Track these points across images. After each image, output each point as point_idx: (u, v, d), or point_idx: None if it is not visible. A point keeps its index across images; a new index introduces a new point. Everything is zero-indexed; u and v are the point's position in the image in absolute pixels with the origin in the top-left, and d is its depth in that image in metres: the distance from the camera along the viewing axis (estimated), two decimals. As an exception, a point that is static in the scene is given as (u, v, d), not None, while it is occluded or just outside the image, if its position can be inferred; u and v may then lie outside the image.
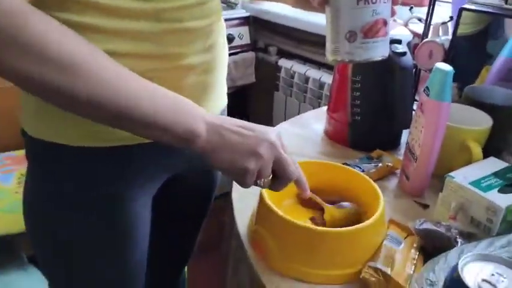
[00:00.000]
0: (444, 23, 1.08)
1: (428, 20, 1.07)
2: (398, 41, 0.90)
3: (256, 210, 0.67)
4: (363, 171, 0.80)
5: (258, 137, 0.54)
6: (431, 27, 1.08)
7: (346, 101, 0.92)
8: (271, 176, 0.57)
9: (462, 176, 0.68)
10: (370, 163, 0.86)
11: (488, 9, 0.88)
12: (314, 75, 1.74)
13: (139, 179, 0.65)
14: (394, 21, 1.31)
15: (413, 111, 0.87)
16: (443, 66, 0.71)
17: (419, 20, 1.29)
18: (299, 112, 1.80)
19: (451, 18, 1.07)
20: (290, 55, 1.89)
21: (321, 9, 0.60)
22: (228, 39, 1.76)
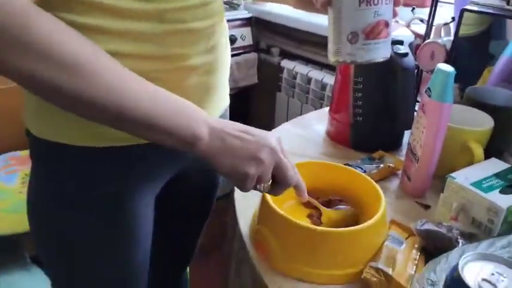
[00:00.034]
0: (446, 24, 1.08)
1: (430, 21, 1.07)
2: (400, 42, 0.90)
3: (259, 211, 0.68)
4: (365, 172, 0.80)
5: (259, 142, 0.54)
6: (433, 28, 1.08)
7: (348, 101, 0.92)
8: (271, 180, 0.58)
9: (463, 176, 0.68)
10: (372, 164, 0.86)
11: (490, 10, 0.88)
12: (316, 76, 1.74)
13: (142, 179, 0.65)
14: (396, 22, 1.31)
15: (415, 112, 0.87)
16: (445, 67, 0.71)
17: (421, 20, 1.29)
18: (301, 113, 1.80)
19: (453, 19, 1.07)
20: (292, 56, 1.89)
21: (323, 10, 0.60)
22: (231, 40, 1.77)
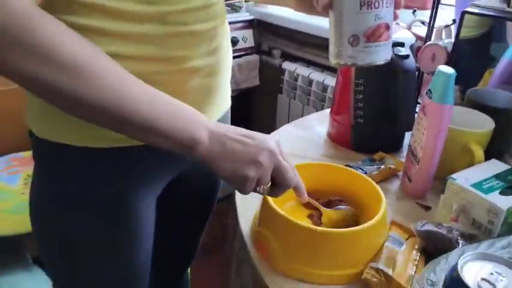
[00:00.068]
0: (447, 26, 1.08)
1: (432, 23, 1.07)
2: (401, 44, 0.91)
3: (260, 212, 0.68)
4: (366, 173, 0.80)
5: (258, 145, 0.55)
6: (434, 30, 1.08)
7: (349, 103, 0.92)
8: (270, 183, 0.58)
9: (464, 178, 0.68)
10: (373, 165, 0.86)
11: (490, 13, 0.88)
12: (317, 78, 1.74)
13: (143, 180, 0.65)
14: (397, 24, 1.31)
15: (415, 114, 0.87)
16: (446, 69, 0.71)
17: (422, 23, 1.30)
18: (302, 115, 1.80)
19: (454, 21, 1.07)
20: (294, 58, 1.89)
21: (324, 13, 0.60)
22: (232, 42, 1.77)
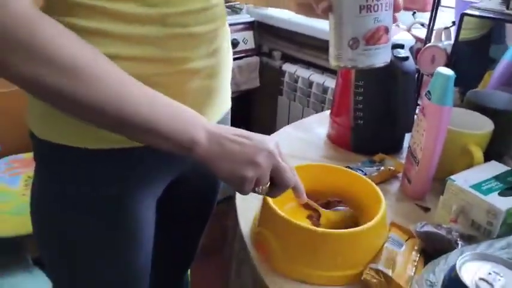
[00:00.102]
0: (447, 28, 1.09)
1: (431, 25, 1.08)
2: (401, 46, 0.91)
3: (260, 212, 0.68)
4: (365, 175, 0.80)
5: (256, 146, 0.55)
6: (434, 32, 1.08)
7: (349, 105, 0.93)
8: (269, 183, 0.58)
9: (463, 179, 0.69)
10: (373, 167, 0.86)
11: (490, 15, 0.89)
12: (317, 79, 1.75)
13: (143, 181, 0.66)
14: (397, 26, 1.32)
15: (415, 115, 0.87)
16: (445, 70, 0.72)
17: (422, 25, 1.30)
18: (302, 116, 1.80)
19: (454, 23, 1.07)
20: (294, 60, 1.90)
21: (324, 16, 0.60)
22: (233, 43, 1.77)
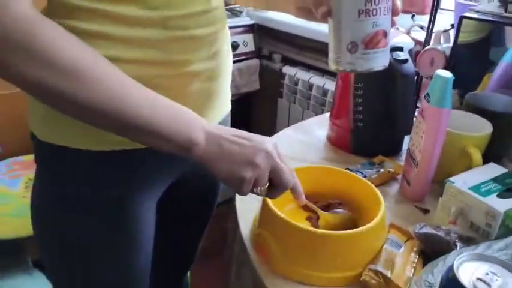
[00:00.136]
0: (446, 31, 1.09)
1: (430, 27, 1.08)
2: (400, 49, 0.91)
3: (259, 214, 0.68)
4: (365, 177, 0.81)
5: (255, 146, 0.55)
6: (433, 35, 1.09)
7: (348, 107, 0.93)
8: (268, 184, 0.59)
9: (462, 181, 0.69)
10: (372, 169, 0.86)
11: (489, 18, 0.89)
12: (317, 82, 1.75)
13: (144, 183, 0.66)
14: (397, 29, 1.32)
15: (414, 118, 0.87)
16: (444, 73, 0.72)
17: (421, 27, 1.30)
18: (302, 118, 1.81)
19: (453, 26, 1.08)
20: (294, 62, 1.90)
21: (323, 20, 0.61)
22: (233, 46, 1.77)
